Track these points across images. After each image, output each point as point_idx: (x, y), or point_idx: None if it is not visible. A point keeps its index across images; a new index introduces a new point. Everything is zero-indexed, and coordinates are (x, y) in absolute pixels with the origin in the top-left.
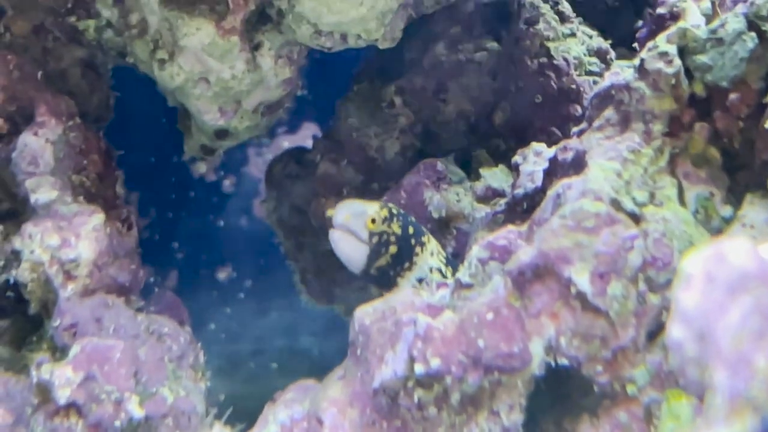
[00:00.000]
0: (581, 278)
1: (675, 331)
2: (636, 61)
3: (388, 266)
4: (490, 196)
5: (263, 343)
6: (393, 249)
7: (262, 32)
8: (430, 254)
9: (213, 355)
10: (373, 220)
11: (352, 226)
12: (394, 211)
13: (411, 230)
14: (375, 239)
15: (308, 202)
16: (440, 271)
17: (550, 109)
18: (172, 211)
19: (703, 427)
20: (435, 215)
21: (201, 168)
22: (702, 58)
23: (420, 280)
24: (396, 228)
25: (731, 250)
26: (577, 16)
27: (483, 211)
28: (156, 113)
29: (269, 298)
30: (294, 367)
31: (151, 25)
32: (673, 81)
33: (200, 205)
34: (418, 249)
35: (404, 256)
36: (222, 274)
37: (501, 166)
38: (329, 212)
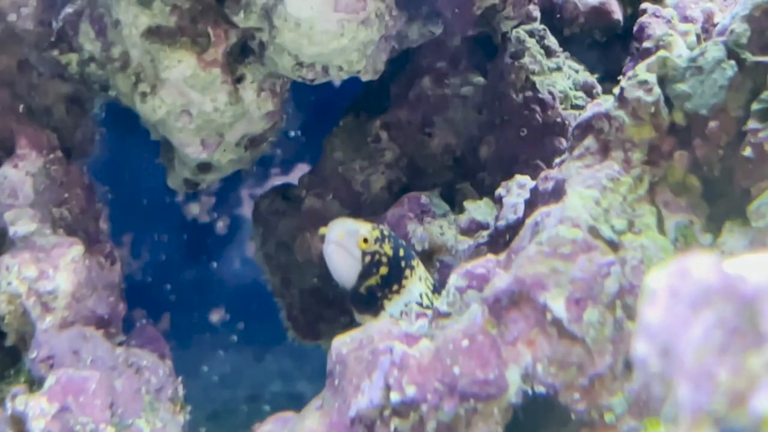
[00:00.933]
0: (557, 304)
1: (639, 347)
2: (616, 90)
3: (377, 287)
4: (474, 229)
5: (258, 388)
6: (384, 270)
7: (244, 65)
8: (419, 279)
9: (207, 401)
10: (365, 240)
11: (345, 243)
12: (386, 233)
13: (402, 253)
14: (367, 258)
15: (294, 237)
16: (427, 296)
17: (535, 143)
18: (165, 254)
19: None
20: (418, 248)
21: (194, 210)
22: (682, 87)
23: (407, 304)
24: (387, 249)
25: (695, 266)
26: (564, 51)
27: (466, 243)
28: (150, 154)
29: (264, 342)
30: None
31: (133, 58)
32: (653, 109)
33: (194, 248)
34: (407, 272)
35: (394, 279)
36: (215, 317)
37: (485, 200)
38: (322, 230)
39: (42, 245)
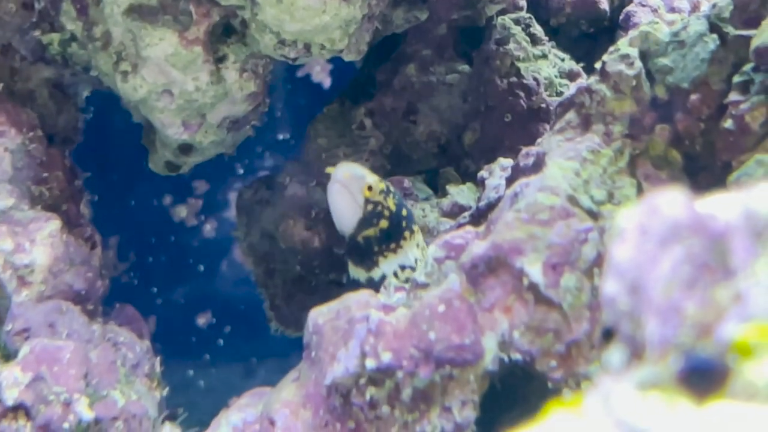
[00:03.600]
0: (533, 269)
1: (608, 286)
2: (598, 65)
3: (375, 240)
4: (456, 212)
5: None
6: (384, 223)
7: (226, 45)
8: (416, 245)
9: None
10: (370, 188)
11: (350, 185)
12: (392, 189)
13: (404, 213)
14: (369, 207)
15: (278, 226)
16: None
17: (519, 128)
18: (152, 256)
19: (632, 372)
20: None
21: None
22: (663, 61)
23: (403, 268)
24: (391, 204)
25: (665, 203)
26: (550, 41)
27: (448, 224)
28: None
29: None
30: None
31: (114, 37)
32: (634, 83)
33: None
34: (407, 234)
35: (393, 236)
36: (202, 320)
37: (468, 184)
38: (329, 169)
39: (19, 219)
